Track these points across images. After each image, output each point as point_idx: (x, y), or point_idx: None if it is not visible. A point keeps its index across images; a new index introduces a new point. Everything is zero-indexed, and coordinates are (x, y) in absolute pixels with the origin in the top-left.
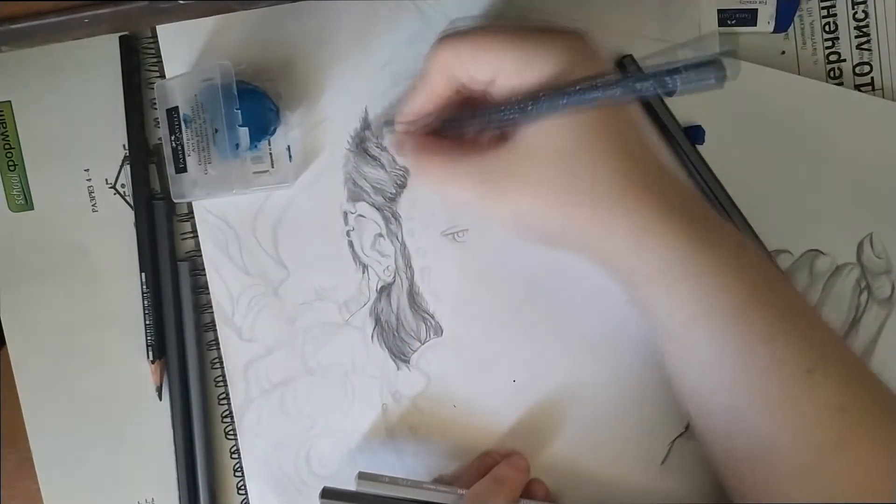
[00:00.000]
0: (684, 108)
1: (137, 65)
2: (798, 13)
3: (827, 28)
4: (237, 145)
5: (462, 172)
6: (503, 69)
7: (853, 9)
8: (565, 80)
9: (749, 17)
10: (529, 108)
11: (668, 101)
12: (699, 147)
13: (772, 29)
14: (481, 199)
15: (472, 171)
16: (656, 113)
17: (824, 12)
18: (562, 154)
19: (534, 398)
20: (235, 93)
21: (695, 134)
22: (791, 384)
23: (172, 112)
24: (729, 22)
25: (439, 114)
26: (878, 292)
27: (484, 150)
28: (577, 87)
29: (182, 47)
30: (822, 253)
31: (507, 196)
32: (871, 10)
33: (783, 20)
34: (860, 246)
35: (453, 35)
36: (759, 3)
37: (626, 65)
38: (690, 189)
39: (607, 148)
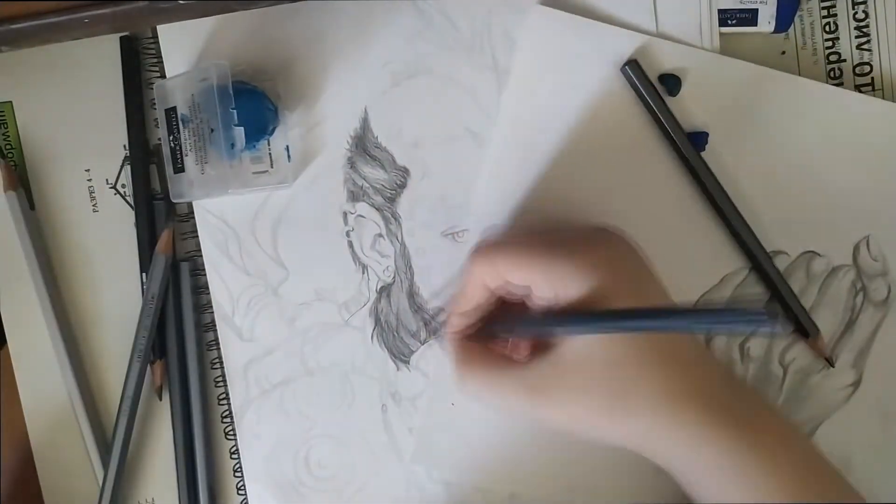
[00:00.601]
0: (685, 112)
1: (138, 65)
2: (798, 13)
3: (827, 28)
4: (233, 145)
5: (508, 383)
6: (536, 286)
7: (853, 9)
8: (602, 293)
9: (749, 17)
10: (568, 325)
11: (671, 104)
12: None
13: (772, 29)
14: (531, 409)
15: (519, 382)
16: (660, 120)
17: (824, 12)
18: (609, 365)
19: None
20: (231, 93)
21: (698, 140)
22: None
23: (170, 112)
24: (729, 22)
25: (482, 318)
26: (874, 294)
27: (529, 360)
28: (618, 315)
29: (182, 47)
30: (818, 255)
31: (557, 405)
32: (871, 10)
33: (783, 20)
34: (856, 248)
35: (487, 248)
36: (760, 3)
37: (630, 71)
38: (735, 376)
39: (654, 356)
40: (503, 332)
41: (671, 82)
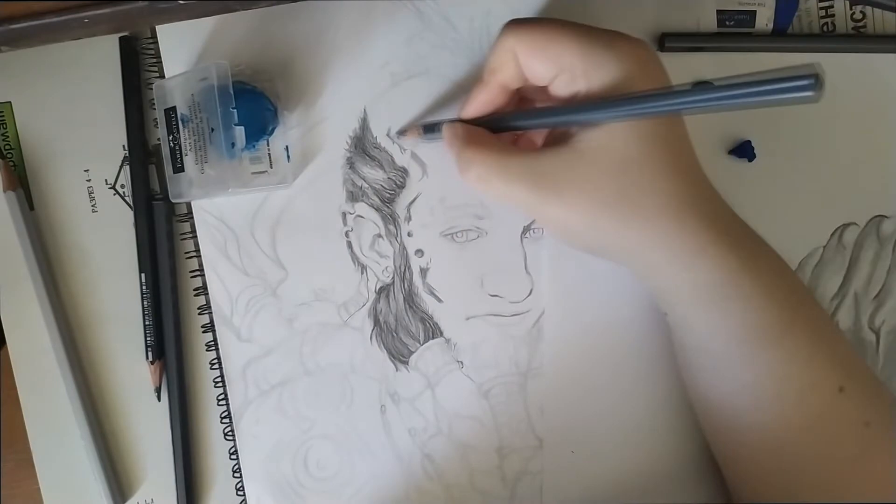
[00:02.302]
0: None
1: (137, 65)
2: (796, 13)
3: (825, 28)
4: (233, 145)
5: (514, 170)
6: (569, 66)
7: (851, 9)
8: (630, 87)
9: (748, 18)
10: (592, 111)
11: None
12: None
13: (770, 31)
14: (533, 200)
15: (526, 169)
16: None
17: (822, 13)
18: (626, 162)
19: (533, 398)
20: (231, 92)
21: (745, 150)
22: (824, 404)
23: (170, 112)
24: (728, 23)
25: (495, 111)
26: None
27: (538, 150)
28: (648, 95)
29: (182, 47)
30: (885, 217)
31: (562, 198)
32: (868, 11)
33: (782, 22)
34: None
35: (521, 21)
36: (758, 4)
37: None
38: (731, 210)
39: (668, 162)
40: (516, 123)
41: None
